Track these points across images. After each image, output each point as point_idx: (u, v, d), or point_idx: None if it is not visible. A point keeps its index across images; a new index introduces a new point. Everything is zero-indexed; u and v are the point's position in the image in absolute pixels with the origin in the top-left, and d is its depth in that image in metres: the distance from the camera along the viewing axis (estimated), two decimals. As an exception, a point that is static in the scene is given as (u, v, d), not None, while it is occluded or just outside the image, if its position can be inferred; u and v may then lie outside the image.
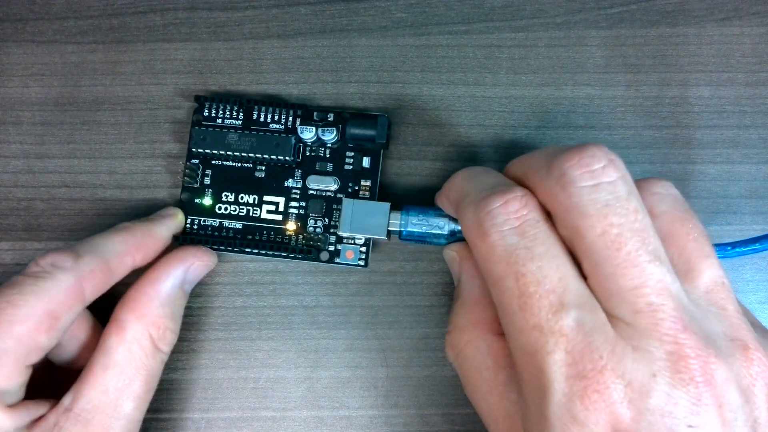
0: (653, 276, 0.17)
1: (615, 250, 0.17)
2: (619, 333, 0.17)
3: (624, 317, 0.17)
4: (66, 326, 0.21)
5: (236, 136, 0.24)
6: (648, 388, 0.16)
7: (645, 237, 0.17)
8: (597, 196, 0.17)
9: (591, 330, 0.17)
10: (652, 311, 0.17)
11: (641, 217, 0.17)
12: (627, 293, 0.17)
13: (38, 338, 0.20)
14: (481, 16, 0.26)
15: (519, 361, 0.18)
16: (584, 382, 0.16)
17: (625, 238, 0.17)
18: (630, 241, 0.17)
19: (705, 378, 0.16)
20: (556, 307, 0.17)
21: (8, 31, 0.27)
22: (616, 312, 0.17)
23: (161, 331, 0.22)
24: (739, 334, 0.18)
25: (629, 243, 0.17)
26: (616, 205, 0.17)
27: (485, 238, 0.18)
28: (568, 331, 0.17)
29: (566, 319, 0.17)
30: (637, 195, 0.18)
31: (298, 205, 0.25)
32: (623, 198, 0.17)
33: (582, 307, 0.17)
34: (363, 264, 0.24)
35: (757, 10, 0.26)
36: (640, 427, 0.16)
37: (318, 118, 0.25)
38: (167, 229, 0.24)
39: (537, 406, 0.17)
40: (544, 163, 0.19)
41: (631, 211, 0.17)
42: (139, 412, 0.22)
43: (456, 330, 0.21)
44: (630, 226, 0.17)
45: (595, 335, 0.17)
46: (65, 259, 0.21)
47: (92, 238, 0.22)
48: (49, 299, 0.20)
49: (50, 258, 0.21)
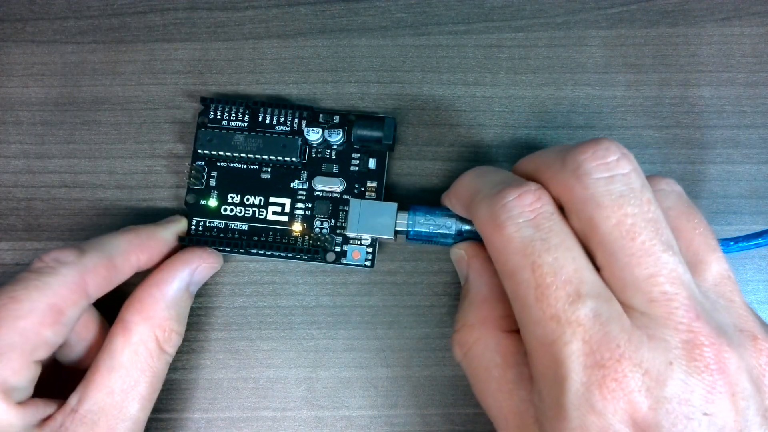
0: (667, 265, 0.17)
1: (630, 240, 0.17)
2: (635, 322, 0.17)
3: (639, 306, 0.17)
4: (72, 322, 0.21)
5: (243, 137, 0.24)
6: (665, 377, 0.16)
7: (658, 227, 0.17)
8: (612, 187, 0.18)
9: (608, 320, 0.17)
10: (667, 300, 0.17)
11: (654, 208, 0.18)
12: (642, 282, 0.17)
13: (43, 333, 0.20)
14: (481, 16, 0.26)
15: (535, 353, 0.18)
16: (602, 371, 0.16)
17: (640, 228, 0.17)
18: (644, 231, 0.17)
19: (719, 366, 0.16)
20: (572, 298, 0.17)
21: (8, 31, 0.27)
22: (631, 302, 0.17)
23: (167, 333, 0.22)
24: (747, 325, 0.18)
25: (643, 233, 0.17)
26: (630, 196, 0.18)
27: (501, 231, 0.18)
28: (585, 321, 0.17)
29: (583, 309, 0.17)
30: (649, 187, 0.18)
31: (304, 206, 0.25)
32: (637, 189, 0.18)
33: (598, 298, 0.17)
34: (369, 264, 0.24)
35: (757, 10, 0.26)
36: (658, 416, 0.16)
37: (323, 120, 0.25)
38: (171, 233, 0.24)
39: (554, 397, 0.17)
40: (557, 157, 0.19)
41: (644, 202, 0.18)
42: (144, 413, 0.22)
43: (465, 328, 0.21)
44: (644, 216, 0.17)
45: (611, 325, 0.17)
46: (68, 254, 0.21)
47: (97, 237, 0.22)
48: (53, 294, 0.20)
49: (54, 254, 0.21)
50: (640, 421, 0.16)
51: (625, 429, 0.16)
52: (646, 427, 0.16)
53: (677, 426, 0.16)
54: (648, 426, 0.16)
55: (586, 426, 0.16)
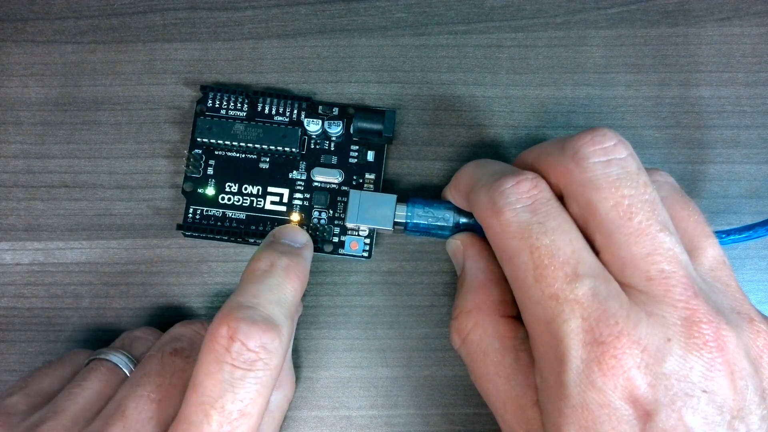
0: (664, 244, 0.17)
1: (627, 220, 0.18)
2: (633, 300, 0.17)
3: (637, 285, 0.17)
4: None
5: (242, 126, 0.24)
6: (663, 353, 0.16)
7: (655, 208, 0.18)
8: (609, 171, 0.18)
9: (606, 297, 0.17)
10: (665, 278, 0.17)
11: (650, 190, 0.18)
12: (640, 261, 0.17)
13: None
14: (481, 16, 0.26)
15: (535, 333, 0.18)
16: (601, 348, 0.16)
17: (637, 209, 0.18)
18: (641, 211, 0.18)
19: (717, 344, 0.17)
20: (570, 277, 0.17)
21: (8, 31, 0.27)
22: (630, 281, 0.18)
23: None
24: (744, 308, 0.18)
25: (640, 213, 0.18)
26: (627, 178, 0.18)
27: (499, 216, 0.19)
28: (583, 299, 0.17)
29: (581, 288, 0.17)
30: (645, 171, 0.19)
31: (302, 196, 0.25)
32: (634, 173, 0.18)
33: (596, 277, 0.17)
34: (367, 255, 0.24)
35: (757, 10, 0.26)
36: (657, 393, 0.16)
37: (323, 112, 0.25)
38: (311, 253, 0.23)
39: (554, 375, 0.17)
40: (556, 146, 0.19)
41: (641, 184, 0.18)
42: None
43: (462, 314, 0.21)
44: (640, 198, 0.18)
45: (610, 302, 0.17)
46: (274, 341, 0.19)
47: (275, 295, 0.20)
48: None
49: (257, 340, 0.19)
50: (640, 397, 0.16)
51: (624, 405, 0.16)
52: (646, 404, 0.16)
53: (676, 403, 0.16)
54: (647, 402, 0.16)
55: (586, 403, 0.16)
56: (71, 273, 0.25)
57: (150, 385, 0.20)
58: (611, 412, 0.16)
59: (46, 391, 0.21)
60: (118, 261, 0.25)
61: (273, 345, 0.19)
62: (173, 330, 0.23)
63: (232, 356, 0.18)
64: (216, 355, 0.18)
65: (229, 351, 0.18)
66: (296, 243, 0.22)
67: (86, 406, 0.20)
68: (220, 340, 0.18)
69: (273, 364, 0.19)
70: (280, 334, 0.19)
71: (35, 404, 0.20)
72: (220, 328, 0.18)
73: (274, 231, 0.23)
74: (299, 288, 0.21)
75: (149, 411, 0.19)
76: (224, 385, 0.18)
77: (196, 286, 0.25)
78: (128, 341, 0.23)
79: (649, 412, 0.16)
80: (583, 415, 0.16)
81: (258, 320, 0.19)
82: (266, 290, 0.20)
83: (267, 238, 0.23)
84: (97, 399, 0.20)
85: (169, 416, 0.19)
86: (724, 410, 0.16)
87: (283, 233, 0.23)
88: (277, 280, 0.20)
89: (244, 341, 0.18)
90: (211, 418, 0.18)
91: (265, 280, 0.20)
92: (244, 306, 0.19)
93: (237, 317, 0.18)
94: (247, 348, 0.18)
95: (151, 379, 0.20)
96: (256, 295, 0.20)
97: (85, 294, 0.25)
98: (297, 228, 0.23)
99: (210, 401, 0.18)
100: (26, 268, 0.25)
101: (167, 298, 0.25)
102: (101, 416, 0.19)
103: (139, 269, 0.25)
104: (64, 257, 0.25)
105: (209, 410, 0.18)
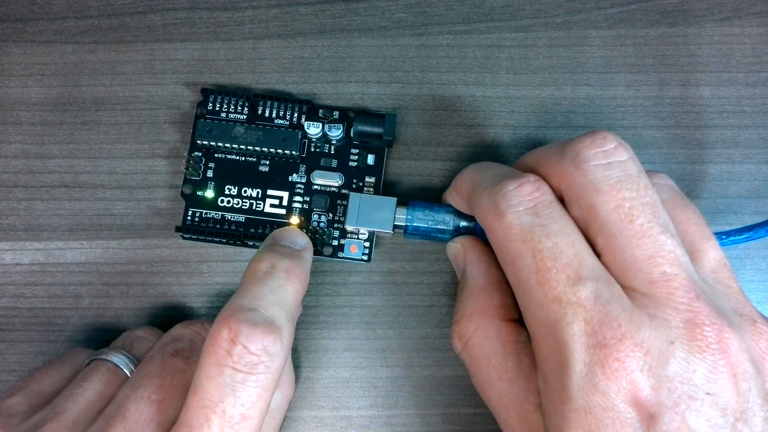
0: (665, 246, 0.17)
1: (628, 222, 0.18)
2: (636, 303, 0.17)
3: (639, 288, 0.17)
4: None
5: (243, 128, 0.24)
6: (666, 356, 0.16)
7: (656, 210, 0.18)
8: (610, 173, 0.18)
9: (608, 300, 0.17)
10: (667, 280, 0.17)
11: (651, 192, 0.18)
12: (642, 263, 0.17)
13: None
14: (481, 16, 0.26)
15: (538, 336, 0.18)
16: (604, 351, 0.16)
17: (638, 211, 0.18)
18: (642, 213, 0.18)
19: (720, 346, 0.17)
20: (573, 280, 0.17)
21: (8, 31, 0.27)
22: (632, 283, 0.18)
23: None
24: (746, 310, 0.18)
25: (642, 215, 0.18)
26: (627, 180, 0.18)
27: (501, 219, 0.19)
28: (586, 302, 0.17)
29: (584, 291, 0.17)
30: (645, 174, 0.19)
31: (301, 199, 0.25)
32: (634, 175, 0.18)
33: (598, 280, 0.17)
34: (366, 259, 0.24)
35: (757, 10, 0.26)
36: (661, 396, 0.16)
37: (323, 115, 0.25)
38: (311, 255, 0.23)
39: (557, 379, 0.17)
40: (557, 149, 0.19)
41: (642, 187, 0.18)
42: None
43: (463, 318, 0.21)
44: (641, 200, 0.18)
45: (612, 305, 0.17)
46: (275, 344, 0.19)
47: (276, 296, 0.20)
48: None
49: (260, 343, 0.18)
50: (643, 400, 0.16)
51: (628, 408, 0.16)
52: (649, 407, 0.16)
53: (680, 405, 0.16)
54: (651, 405, 0.16)
55: (590, 406, 0.16)
56: (71, 273, 0.25)
57: (151, 386, 0.20)
58: (615, 415, 0.16)
59: (46, 392, 0.21)
60: (118, 261, 0.25)
61: (275, 348, 0.19)
62: (174, 330, 0.22)
63: (234, 359, 0.18)
64: (217, 358, 0.18)
65: (230, 354, 0.18)
66: (296, 245, 0.22)
67: (87, 407, 0.20)
68: (221, 343, 0.18)
69: (274, 367, 0.19)
70: (281, 337, 0.19)
71: (35, 405, 0.20)
72: (221, 330, 0.18)
73: (274, 233, 0.23)
74: (300, 290, 0.21)
75: (150, 412, 0.19)
76: (225, 389, 0.18)
77: (196, 286, 0.25)
78: (129, 341, 0.23)
79: (652, 415, 0.16)
80: (587, 419, 0.16)
81: (260, 322, 0.19)
82: (267, 292, 0.20)
83: (267, 240, 0.23)
84: (98, 400, 0.20)
85: (170, 418, 0.19)
86: (728, 412, 0.16)
87: (284, 235, 0.23)
88: (278, 282, 0.20)
89: (246, 344, 0.18)
90: (211, 422, 0.18)
91: (266, 282, 0.20)
92: (245, 308, 0.19)
93: (238, 319, 0.18)
94: (248, 351, 0.18)
95: (152, 380, 0.20)
96: (258, 297, 0.20)
97: (85, 294, 0.25)
98: (297, 230, 0.23)
99: (211, 405, 0.18)
100: (26, 268, 0.25)
101: (167, 298, 0.25)
102: (102, 417, 0.19)
103: (139, 269, 0.25)
104: (64, 257, 0.25)
105: (210, 414, 0.18)
